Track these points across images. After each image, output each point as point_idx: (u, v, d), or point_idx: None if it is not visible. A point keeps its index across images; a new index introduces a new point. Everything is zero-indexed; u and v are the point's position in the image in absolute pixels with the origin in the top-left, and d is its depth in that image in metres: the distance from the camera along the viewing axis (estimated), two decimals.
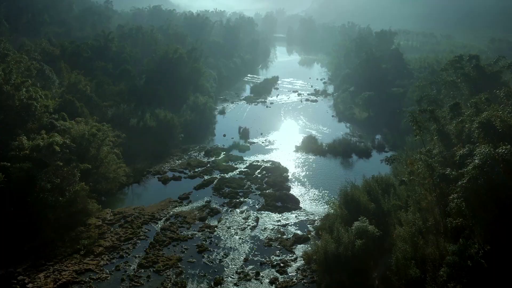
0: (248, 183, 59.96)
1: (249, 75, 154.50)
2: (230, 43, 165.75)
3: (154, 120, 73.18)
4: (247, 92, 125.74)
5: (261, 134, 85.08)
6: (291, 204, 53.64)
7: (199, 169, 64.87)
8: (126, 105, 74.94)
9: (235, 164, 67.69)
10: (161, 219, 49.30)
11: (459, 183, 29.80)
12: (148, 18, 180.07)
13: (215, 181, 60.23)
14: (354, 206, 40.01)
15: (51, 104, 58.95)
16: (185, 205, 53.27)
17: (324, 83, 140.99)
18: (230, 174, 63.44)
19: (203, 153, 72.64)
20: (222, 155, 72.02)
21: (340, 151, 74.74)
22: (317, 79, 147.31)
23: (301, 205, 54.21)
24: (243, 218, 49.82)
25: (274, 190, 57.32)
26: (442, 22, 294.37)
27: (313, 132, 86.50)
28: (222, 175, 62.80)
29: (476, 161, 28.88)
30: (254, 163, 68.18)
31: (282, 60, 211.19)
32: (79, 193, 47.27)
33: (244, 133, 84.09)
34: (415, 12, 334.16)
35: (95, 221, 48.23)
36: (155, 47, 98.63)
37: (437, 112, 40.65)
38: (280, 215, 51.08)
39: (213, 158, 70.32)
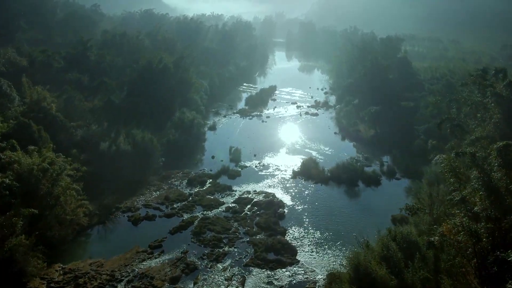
0: (235, 224, 49.82)
1: (245, 84, 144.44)
2: (226, 49, 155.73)
3: (129, 143, 63.14)
4: (241, 104, 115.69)
5: (255, 155, 75.08)
6: (287, 255, 43.54)
7: (179, 204, 54.75)
8: (97, 125, 64.95)
9: (222, 197, 57.63)
10: (122, 280, 39.17)
11: None
12: (139, 23, 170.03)
13: (196, 221, 50.11)
14: (368, 282, 29.84)
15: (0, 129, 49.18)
16: (155, 257, 43.12)
17: (325, 93, 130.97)
18: (215, 211, 53.32)
19: (186, 181, 62.61)
20: (207, 184, 61.99)
21: (345, 178, 64.72)
22: (317, 88, 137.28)
23: (298, 256, 44.08)
24: (225, 279, 39.66)
25: (265, 235, 47.24)
26: (445, 24, 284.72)
27: (313, 153, 76.56)
28: (204, 213, 52.70)
29: None
30: (244, 196, 58.09)
31: (281, 67, 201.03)
32: (17, 249, 37.34)
33: (235, 155, 74.12)
34: (418, 15, 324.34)
35: (39, 283, 38.20)
36: (138, 55, 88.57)
37: (480, 153, 30.36)
38: (273, 273, 40.96)
39: (197, 189, 60.23)
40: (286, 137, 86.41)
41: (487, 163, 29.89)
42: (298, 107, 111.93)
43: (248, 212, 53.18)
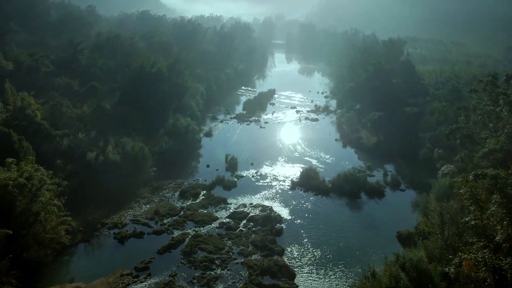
0: (229, 243, 46.24)
1: (243, 87, 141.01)
2: (224, 51, 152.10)
3: (118, 152, 59.56)
4: (239, 109, 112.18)
5: (252, 164, 71.62)
6: (284, 279, 39.98)
7: (169, 219, 51.19)
8: (85, 134, 61.43)
9: (216, 211, 54.11)
10: None
11: None
12: (135, 24, 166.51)
13: (187, 239, 46.55)
14: None
15: None
16: (141, 281, 39.59)
17: (326, 97, 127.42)
18: (208, 227, 49.77)
19: (178, 193, 59.07)
20: (201, 196, 58.49)
21: (347, 189, 61.16)
22: (317, 92, 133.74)
23: (297, 280, 40.56)
24: None
25: (261, 256, 43.67)
26: (446, 25, 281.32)
27: (313, 162, 73.09)
28: (196, 229, 49.10)
29: None
30: (240, 209, 54.56)
31: (281, 69, 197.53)
32: None
33: (231, 164, 70.65)
34: (418, 16, 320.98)
35: None
36: (130, 59, 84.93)
37: (501, 175, 26.70)
38: None
39: (189, 202, 56.72)
40: (285, 144, 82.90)
41: (510, 185, 26.31)
42: (297, 111, 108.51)
43: (243, 229, 49.62)
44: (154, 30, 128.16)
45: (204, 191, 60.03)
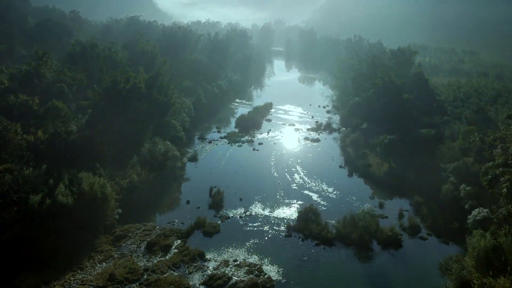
0: None
1: (237, 100, 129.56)
2: (217, 60, 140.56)
3: (71, 193, 47.85)
4: (232, 125, 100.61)
5: (241, 200, 60.13)
6: None
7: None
8: (32, 168, 49.76)
9: (189, 273, 42.36)
10: None
11: None
12: (123, 31, 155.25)
13: None
14: None
15: None
16: None
17: (328, 111, 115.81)
18: None
19: (145, 244, 47.40)
20: (173, 249, 46.83)
21: (355, 237, 49.48)
22: (319, 106, 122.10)
23: None
24: None
25: None
26: (453, 31, 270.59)
27: (314, 197, 61.52)
28: None
29: None
30: (220, 270, 42.84)
31: (279, 79, 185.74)
32: None
33: (216, 200, 59.12)
34: (425, 23, 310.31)
35: None
36: (103, 73, 73.25)
37: None
38: None
39: (158, 258, 45.04)
40: (280, 172, 71.20)
41: None
42: (296, 130, 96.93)
43: None
44: (138, 38, 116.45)
45: (179, 241, 48.40)
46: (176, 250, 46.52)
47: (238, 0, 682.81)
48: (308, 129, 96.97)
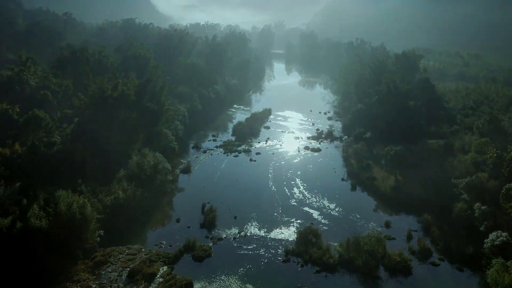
0: None
1: (235, 105, 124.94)
2: (214, 64, 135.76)
3: (46, 215, 43.27)
4: (228, 133, 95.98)
5: (235, 218, 55.49)
6: None
7: None
8: (4, 187, 45.16)
9: None
10: None
11: None
12: (118, 34, 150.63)
13: None
14: None
15: None
16: None
17: (329, 118, 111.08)
18: None
19: (128, 270, 42.77)
20: (158, 279, 42.14)
21: (360, 263, 44.81)
22: (320, 112, 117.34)
23: None
24: None
25: None
26: (456, 34, 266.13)
27: (315, 215, 56.88)
28: None
29: None
30: None
31: (279, 83, 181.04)
32: None
33: (208, 218, 54.48)
34: (427, 26, 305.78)
35: None
36: (90, 79, 68.63)
37: None
38: None
39: (141, 287, 40.39)
40: (279, 186, 66.51)
41: None
42: (296, 138, 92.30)
43: None
44: (132, 41, 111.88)
45: (165, 268, 43.75)
46: (161, 279, 41.90)
47: (238, 2, 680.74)
48: (308, 137, 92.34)
